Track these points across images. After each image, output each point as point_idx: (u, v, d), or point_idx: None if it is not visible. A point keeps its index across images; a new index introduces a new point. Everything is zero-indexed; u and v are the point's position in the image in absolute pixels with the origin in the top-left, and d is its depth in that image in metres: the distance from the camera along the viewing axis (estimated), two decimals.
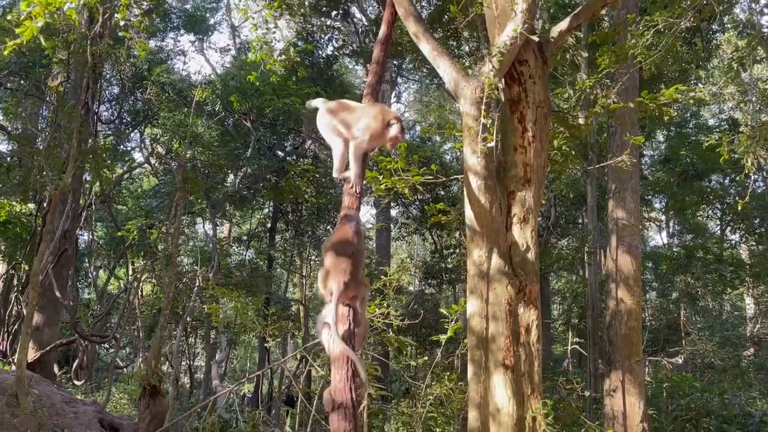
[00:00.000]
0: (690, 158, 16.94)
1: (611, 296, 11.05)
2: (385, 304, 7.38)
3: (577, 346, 16.05)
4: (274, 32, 6.45)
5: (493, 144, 4.53)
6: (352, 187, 4.24)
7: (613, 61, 7.48)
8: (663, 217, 23.91)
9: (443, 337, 6.76)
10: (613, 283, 11.01)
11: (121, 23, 6.08)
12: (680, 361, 14.25)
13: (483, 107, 4.56)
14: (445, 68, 5.07)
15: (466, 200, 5.00)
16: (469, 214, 5.04)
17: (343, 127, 4.27)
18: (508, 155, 5.19)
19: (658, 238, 27.70)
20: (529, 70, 5.22)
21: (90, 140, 13.70)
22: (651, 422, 11.76)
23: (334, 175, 4.43)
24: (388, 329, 7.34)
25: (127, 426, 8.77)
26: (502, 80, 5.17)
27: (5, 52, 5.94)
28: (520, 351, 4.81)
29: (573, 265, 19.43)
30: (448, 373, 7.08)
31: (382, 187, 5.58)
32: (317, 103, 4.54)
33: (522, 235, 5.03)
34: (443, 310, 6.69)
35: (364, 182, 4.57)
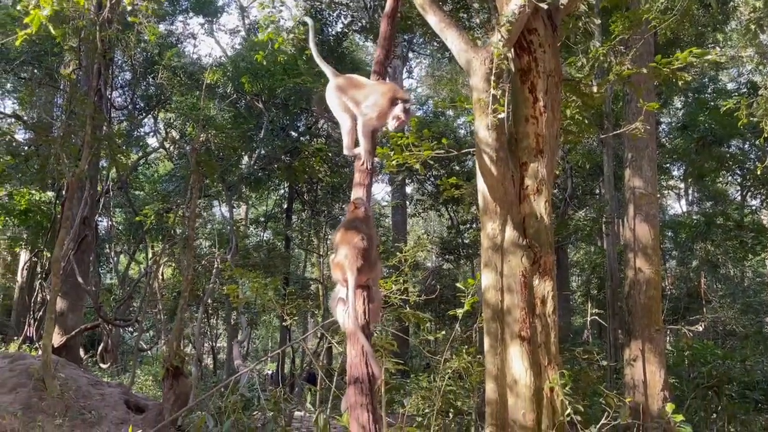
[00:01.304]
0: (708, 124, 16.67)
1: (629, 266, 10.98)
2: (401, 281, 7.38)
3: (597, 317, 16.03)
4: (281, 10, 6.40)
5: (503, 115, 4.48)
6: (362, 163, 4.24)
7: (627, 27, 7.33)
8: (682, 185, 23.64)
9: (460, 312, 6.76)
10: (632, 252, 10.94)
11: (128, 8, 6.05)
12: (701, 328, 14.15)
13: (492, 78, 4.50)
14: (453, 40, 5.00)
15: (479, 173, 4.97)
16: (481, 187, 5.01)
17: (352, 104, 4.25)
18: (520, 126, 5.14)
19: (677, 207, 27.42)
20: (539, 39, 5.14)
21: (104, 126, 13.79)
22: (672, 390, 11.74)
23: (345, 152, 4.44)
24: (405, 305, 7.35)
25: (153, 406, 8.93)
26: (512, 50, 5.11)
27: (17, 43, 6.01)
28: (536, 322, 4.80)
29: (591, 236, 19.30)
30: (466, 346, 7.09)
31: (394, 163, 5.56)
32: (327, 71, 4.52)
33: (536, 206, 4.99)
34: (459, 285, 6.68)
35: (375, 159, 4.56)
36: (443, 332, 7.96)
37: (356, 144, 4.32)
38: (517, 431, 4.63)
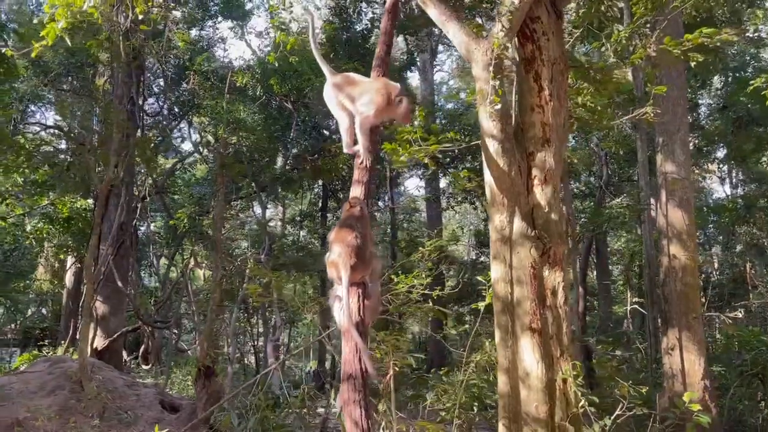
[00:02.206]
0: (746, 104, 16.11)
1: (664, 253, 10.76)
2: (423, 275, 7.36)
3: (637, 306, 15.73)
4: (291, 12, 6.44)
5: (499, 106, 4.43)
6: (362, 162, 4.26)
7: (650, 8, 7.15)
8: (725, 168, 22.93)
9: (482, 305, 6.72)
10: (665, 239, 10.71)
11: (140, 17, 6.19)
12: (740, 315, 13.72)
13: (491, 69, 4.45)
14: (454, 32, 4.96)
15: (485, 165, 4.93)
16: (488, 178, 4.96)
17: (348, 102, 4.28)
18: (526, 116, 5.07)
19: (721, 190, 26.60)
20: (542, 27, 5.05)
21: (137, 133, 14.14)
22: (717, 378, 11.43)
23: (344, 150, 4.47)
24: (427, 300, 7.32)
25: (186, 405, 9.13)
26: (515, 39, 5.05)
27: (33, 54, 6.24)
28: (547, 314, 4.74)
29: (625, 224, 18.90)
30: (491, 339, 7.03)
31: (403, 158, 5.55)
32: (325, 69, 4.55)
33: (544, 196, 4.92)
34: (479, 278, 6.64)
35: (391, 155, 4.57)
36: (466, 326, 7.89)
37: (355, 142, 4.34)
38: (531, 424, 4.59)
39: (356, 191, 4.10)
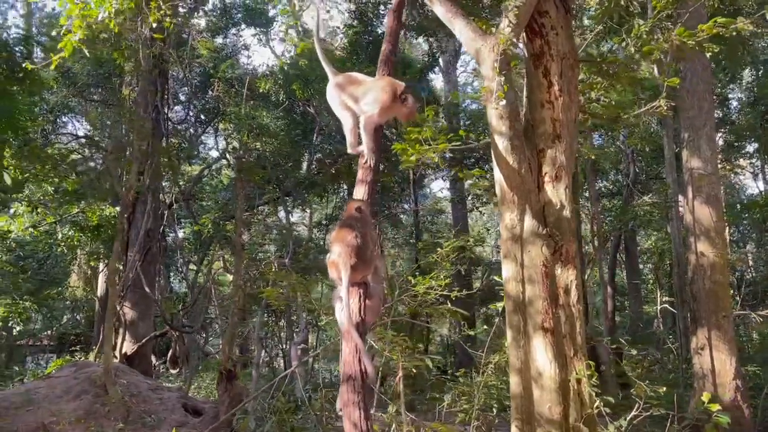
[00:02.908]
0: None
1: (692, 250, 10.52)
2: (441, 276, 7.30)
3: (667, 305, 15.42)
4: (301, 15, 6.47)
5: (505, 102, 4.36)
6: (366, 161, 4.23)
7: (670, 1, 7.01)
8: (758, 163, 22.35)
9: (500, 305, 6.65)
10: (693, 236, 10.47)
11: (153, 25, 6.27)
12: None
13: (495, 65, 4.39)
14: (461, 29, 4.92)
15: (494, 162, 4.86)
16: (498, 176, 4.91)
17: (352, 101, 4.26)
18: (536, 112, 5.00)
19: (755, 186, 25.94)
20: (551, 21, 4.99)
21: (162, 141, 14.33)
22: (751, 378, 11.12)
23: (349, 150, 4.45)
24: (445, 300, 7.26)
25: (209, 408, 9.19)
26: (522, 35, 4.98)
27: (51, 67, 6.35)
28: (560, 313, 4.66)
29: (652, 222, 18.54)
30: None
31: (413, 158, 5.50)
32: (327, 70, 4.53)
33: (555, 193, 4.84)
34: (496, 278, 6.55)
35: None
36: (485, 327, 7.78)
37: (359, 141, 4.31)
38: (544, 425, 4.51)
39: (360, 191, 4.07)
